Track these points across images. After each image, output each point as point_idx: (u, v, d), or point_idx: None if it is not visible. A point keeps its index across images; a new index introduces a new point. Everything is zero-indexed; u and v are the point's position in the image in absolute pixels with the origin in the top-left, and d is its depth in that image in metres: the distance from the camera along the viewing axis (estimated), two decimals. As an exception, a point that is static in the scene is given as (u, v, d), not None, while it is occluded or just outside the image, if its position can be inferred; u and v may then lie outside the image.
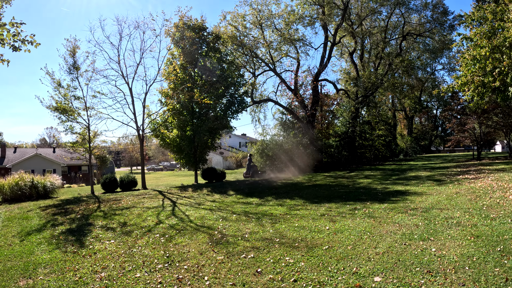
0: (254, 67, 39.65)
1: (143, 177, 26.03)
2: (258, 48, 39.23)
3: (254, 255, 8.45)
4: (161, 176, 51.88)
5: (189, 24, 27.78)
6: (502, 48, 20.24)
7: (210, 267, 7.83)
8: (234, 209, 14.85)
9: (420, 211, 12.18)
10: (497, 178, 19.85)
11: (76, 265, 8.47)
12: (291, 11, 39.17)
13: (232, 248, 9.04)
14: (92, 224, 12.99)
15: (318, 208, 14.22)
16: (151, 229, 11.75)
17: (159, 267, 8.01)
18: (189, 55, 27.14)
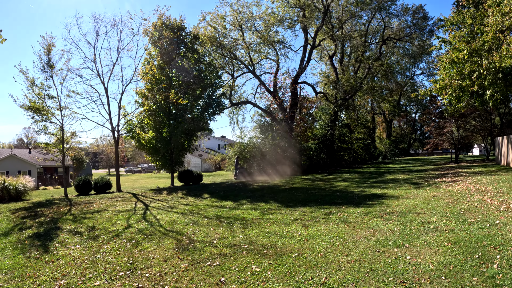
0: (233, 68, 39.28)
1: (118, 180, 25.47)
2: (237, 49, 38.99)
3: (220, 262, 8.08)
4: (139, 178, 51.04)
5: (167, 23, 27.31)
6: (481, 52, 20.31)
7: (172, 275, 7.47)
8: (206, 213, 14.47)
9: (396, 215, 11.97)
10: (474, 181, 19.96)
11: (37, 272, 8.08)
12: (272, 13, 39.00)
13: (198, 255, 8.66)
14: (60, 228, 12.54)
15: (292, 212, 13.91)
16: (119, 234, 11.32)
17: (121, 275, 7.63)
18: (166, 55, 26.66)
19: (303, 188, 22.65)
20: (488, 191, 15.68)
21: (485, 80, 20.67)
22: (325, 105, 46.68)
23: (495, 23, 18.89)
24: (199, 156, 69.44)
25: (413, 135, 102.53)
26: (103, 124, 27.49)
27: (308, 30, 42.32)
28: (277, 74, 40.84)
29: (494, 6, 19.21)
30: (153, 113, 26.50)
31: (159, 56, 26.84)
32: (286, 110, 40.10)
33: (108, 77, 25.44)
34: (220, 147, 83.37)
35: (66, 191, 23.03)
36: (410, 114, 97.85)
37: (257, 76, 40.05)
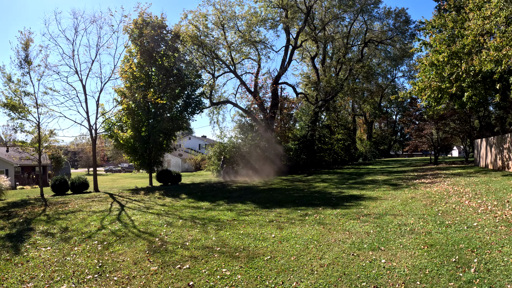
0: (214, 68, 39.04)
1: (95, 179, 25.05)
2: (219, 49, 38.80)
3: (190, 265, 7.92)
4: (118, 178, 50.34)
5: (148, 21, 26.96)
6: (461, 54, 20.48)
7: (141, 279, 7.27)
8: (182, 214, 14.27)
9: (373, 217, 11.92)
10: (453, 182, 20.13)
11: (6, 274, 7.88)
12: (254, 13, 38.88)
13: (169, 258, 8.49)
14: (33, 229, 12.25)
15: (268, 213, 13.80)
16: (91, 235, 11.07)
17: (88, 278, 7.42)
18: (146, 53, 26.32)
19: (281, 189, 22.56)
20: (466, 193, 15.80)
21: (464, 82, 20.80)
22: (306, 106, 46.70)
23: (476, 26, 18.98)
24: (179, 156, 68.89)
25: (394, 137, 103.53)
26: (80, 123, 26.86)
27: (290, 31, 42.36)
28: (258, 74, 40.72)
29: (475, 9, 19.36)
30: (132, 112, 26.09)
31: (138, 54, 26.48)
32: (267, 111, 40.02)
33: (87, 75, 25.07)
34: (200, 147, 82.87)
35: (42, 191, 22.58)
36: (391, 116, 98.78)
37: (238, 76, 39.85)
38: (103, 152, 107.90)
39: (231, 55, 39.34)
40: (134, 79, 26.04)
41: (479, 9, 19.09)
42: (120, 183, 36.14)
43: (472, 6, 19.56)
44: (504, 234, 8.73)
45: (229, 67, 39.45)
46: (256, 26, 39.45)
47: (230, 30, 39.35)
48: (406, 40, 51.01)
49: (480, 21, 18.66)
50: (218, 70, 40.35)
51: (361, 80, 52.69)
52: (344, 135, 56.33)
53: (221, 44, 38.61)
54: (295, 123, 46.32)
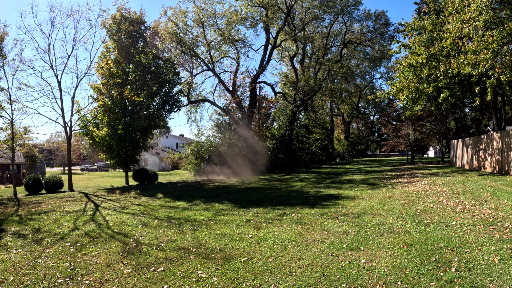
0: (193, 66, 38.68)
1: (70, 178, 24.49)
2: (198, 46, 38.36)
3: (165, 267, 7.66)
4: (94, 177, 49.37)
5: (127, 16, 26.52)
6: (439, 57, 20.86)
7: (114, 282, 7.00)
8: (157, 214, 13.96)
9: (352, 216, 11.84)
10: (430, 182, 20.36)
11: None
12: (235, 11, 38.75)
13: (143, 260, 8.22)
14: (5, 231, 11.82)
15: (245, 213, 13.60)
16: (64, 237, 10.70)
17: (60, 282, 7.12)
18: (124, 49, 25.86)
19: (259, 188, 22.42)
20: (444, 192, 15.94)
21: (441, 83, 21.02)
22: (284, 105, 46.68)
23: (455, 30, 19.32)
24: (157, 155, 68.14)
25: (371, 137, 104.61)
26: (55, 120, 26.25)
27: (270, 30, 42.35)
28: (236, 73, 40.54)
29: (454, 13, 19.63)
30: (108, 109, 25.58)
31: (116, 50, 25.98)
32: (245, 110, 39.87)
33: (62, 70, 24.47)
34: (178, 145, 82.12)
35: (15, 191, 22.04)
36: (368, 116, 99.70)
37: (217, 74, 39.55)
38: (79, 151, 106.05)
39: (210, 53, 39.04)
40: (110, 76, 25.55)
41: (458, 13, 19.39)
42: (96, 182, 35.50)
43: (451, 10, 19.83)
44: (483, 233, 8.75)
45: (208, 65, 39.12)
46: (236, 25, 39.28)
47: (209, 28, 39.12)
48: (385, 42, 51.62)
49: (459, 24, 18.99)
50: (197, 68, 40.06)
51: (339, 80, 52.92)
52: (322, 135, 56.58)
53: (200, 42, 38.30)
54: (273, 123, 46.26)
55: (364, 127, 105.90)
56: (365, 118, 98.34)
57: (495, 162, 23.06)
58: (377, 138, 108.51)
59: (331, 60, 49.65)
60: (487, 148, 24.49)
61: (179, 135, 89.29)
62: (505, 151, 21.53)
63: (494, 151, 23.27)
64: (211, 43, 38.85)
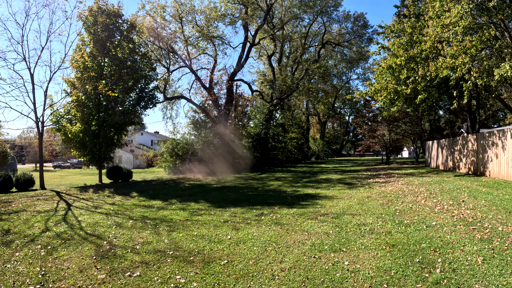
0: (170, 62, 38.15)
1: (42, 176, 23.65)
2: (175, 42, 37.89)
3: (141, 272, 7.28)
4: (67, 174, 48.19)
5: (104, 9, 25.82)
6: (417, 59, 21.16)
7: None
8: (132, 214, 13.49)
9: (331, 217, 11.68)
10: (407, 182, 20.52)
11: None
12: (214, 7, 38.54)
13: (118, 264, 7.80)
14: (-29, 231, 11.13)
15: (222, 213, 13.27)
16: (34, 239, 10.11)
17: None
18: (100, 43, 25.15)
19: (235, 187, 22.11)
20: (421, 192, 16.06)
21: (419, 85, 21.21)
22: (261, 104, 46.54)
23: (434, 33, 19.65)
24: (131, 152, 67.16)
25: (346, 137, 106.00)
26: (27, 115, 25.34)
27: (249, 28, 42.07)
28: (214, 70, 40.09)
29: (435, 17, 19.94)
30: (82, 104, 24.87)
31: (92, 43, 25.26)
32: (221, 107, 39.54)
33: (35, 62, 23.53)
34: (153, 143, 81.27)
35: (-16, 188, 21.09)
36: (344, 116, 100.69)
37: (194, 71, 39.10)
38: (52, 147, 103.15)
39: (188, 49, 38.64)
40: (85, 69, 24.85)
41: (438, 17, 19.70)
42: (68, 180, 34.65)
43: (432, 14, 20.16)
44: (464, 233, 8.77)
45: (185, 61, 38.70)
46: (215, 21, 39.03)
47: (188, 24, 38.78)
48: (363, 43, 52.25)
49: (439, 28, 19.31)
50: (174, 65, 39.62)
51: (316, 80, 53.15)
52: (298, 134, 56.71)
53: (178, 37, 37.83)
54: (249, 121, 46.03)
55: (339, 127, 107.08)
56: (340, 118, 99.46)
57: (470, 163, 23.55)
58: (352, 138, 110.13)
59: (309, 60, 49.89)
60: (462, 149, 25.04)
61: (154, 132, 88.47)
62: (480, 152, 22.02)
63: (469, 152, 23.76)
64: (189, 39, 38.46)
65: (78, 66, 24.74)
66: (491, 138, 20.55)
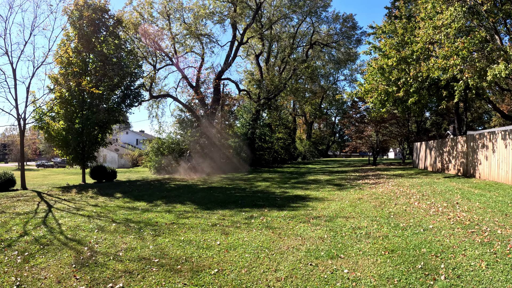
0: (156, 60, 37.44)
1: (23, 175, 22.79)
2: (162, 39, 37.20)
3: (124, 283, 6.70)
4: (50, 174, 47.02)
5: (90, 3, 24.99)
6: (409, 60, 21.12)
7: None
8: (115, 216, 12.87)
9: (324, 220, 11.29)
10: (397, 183, 20.39)
11: None
12: (202, 5, 38.04)
13: (99, 273, 7.19)
14: None
15: (210, 216, 12.73)
16: (11, 244, 9.41)
17: None
18: (85, 38, 24.39)
19: (222, 188, 21.59)
20: (413, 194, 15.86)
21: (411, 87, 21.06)
22: (248, 103, 46.11)
23: (426, 35, 19.69)
24: (116, 151, 66.14)
25: (332, 138, 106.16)
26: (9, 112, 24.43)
27: (237, 26, 41.63)
28: (201, 68, 39.60)
29: (427, 19, 20.00)
30: (65, 101, 24.11)
31: (76, 38, 24.48)
32: (208, 106, 39.00)
33: (18, 57, 22.75)
34: (138, 142, 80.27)
35: (-38, 188, 20.25)
36: (330, 117, 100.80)
37: (180, 69, 38.55)
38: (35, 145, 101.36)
39: (175, 47, 38.09)
40: (69, 65, 24.10)
41: (430, 19, 19.77)
42: (51, 180, 33.72)
43: (423, 16, 20.26)
44: (463, 237, 8.47)
45: (172, 59, 38.10)
46: (203, 19, 38.48)
47: (175, 22, 38.33)
48: (351, 45, 52.20)
49: (431, 30, 19.38)
50: (160, 63, 39.15)
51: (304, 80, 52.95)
52: (285, 134, 56.46)
53: (165, 35, 37.21)
54: (235, 121, 45.59)
55: (325, 127, 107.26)
56: (327, 119, 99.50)
57: (460, 165, 23.55)
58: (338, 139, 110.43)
59: (297, 60, 49.66)
60: (451, 151, 25.12)
61: (140, 131, 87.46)
62: (470, 154, 22.00)
63: (458, 154, 23.79)
64: (176, 37, 37.89)
65: (62, 61, 23.99)
66: (481, 140, 20.49)
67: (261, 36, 45.12)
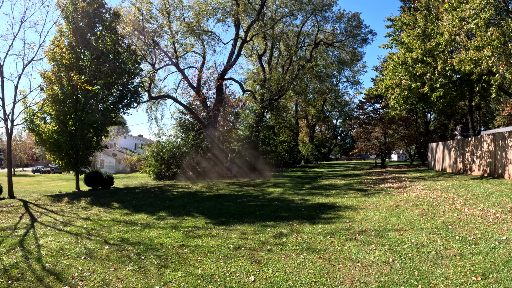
0: (155, 59, 35.29)
1: (10, 182, 20.35)
2: (162, 36, 35.12)
3: None
4: (45, 180, 44.43)
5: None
6: (435, 53, 19.43)
7: None
8: (109, 235, 10.46)
9: (373, 235, 9.15)
10: (425, 186, 18.32)
11: None
12: (204, 1, 35.65)
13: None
14: None
15: (228, 233, 10.33)
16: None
17: None
18: (80, 32, 22.14)
19: (231, 196, 19.30)
20: (454, 199, 13.93)
21: (437, 82, 19.60)
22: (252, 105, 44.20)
23: (450, 27, 18.37)
24: (113, 156, 63.98)
25: (334, 141, 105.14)
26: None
27: (240, 24, 39.51)
28: (202, 68, 37.43)
29: (451, 10, 18.67)
30: (57, 100, 21.82)
31: (71, 34, 22.27)
32: (210, 108, 36.79)
33: (6, 52, 20.49)
34: (136, 146, 78.16)
35: None
36: (332, 120, 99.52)
37: (181, 69, 36.37)
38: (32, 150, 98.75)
39: (175, 46, 36.02)
40: (62, 62, 21.85)
41: (454, 10, 18.42)
42: (44, 186, 31.41)
43: (447, 6, 18.87)
44: None
45: (172, 59, 35.91)
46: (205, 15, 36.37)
47: (176, 21, 36.15)
48: (356, 44, 50.57)
49: (457, 21, 17.94)
50: (160, 63, 36.88)
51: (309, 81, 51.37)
52: (289, 137, 54.63)
53: (165, 33, 35.17)
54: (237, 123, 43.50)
55: (327, 130, 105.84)
56: (328, 122, 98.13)
57: (486, 165, 22.03)
58: (340, 142, 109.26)
59: (303, 58, 48.25)
60: (475, 150, 23.73)
61: (138, 136, 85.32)
62: (498, 154, 20.48)
63: (484, 153, 22.26)
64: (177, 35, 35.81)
65: (55, 58, 21.75)
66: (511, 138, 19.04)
67: (265, 35, 43.17)
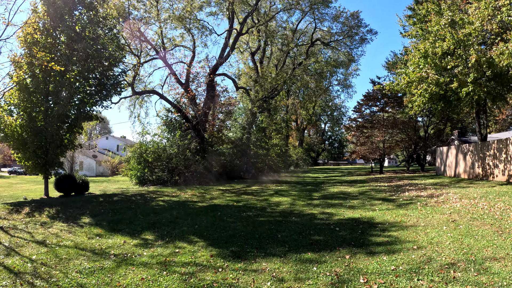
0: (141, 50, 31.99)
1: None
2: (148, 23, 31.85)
3: None
4: (18, 182, 39.83)
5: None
6: (468, 43, 17.20)
7: None
8: (65, 278, 6.88)
9: (472, 271, 6.42)
10: (460, 195, 15.65)
11: None
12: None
13: None
14: None
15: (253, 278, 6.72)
16: None
17: None
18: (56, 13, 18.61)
19: (230, 207, 15.68)
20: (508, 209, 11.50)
21: (468, 76, 17.22)
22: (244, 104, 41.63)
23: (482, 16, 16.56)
24: (94, 157, 60.36)
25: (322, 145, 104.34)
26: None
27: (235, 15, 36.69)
28: (191, 63, 34.06)
29: None
30: (25, 88, 18.25)
31: (46, 15, 18.73)
32: (200, 106, 33.45)
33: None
34: (119, 148, 74.73)
35: None
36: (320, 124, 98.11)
37: (168, 64, 33.29)
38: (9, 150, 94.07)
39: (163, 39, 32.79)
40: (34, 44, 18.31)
41: None
42: (14, 190, 27.64)
43: None
44: None
45: (159, 52, 32.68)
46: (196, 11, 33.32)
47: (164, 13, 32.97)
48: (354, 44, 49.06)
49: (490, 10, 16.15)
50: (146, 57, 33.67)
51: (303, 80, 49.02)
52: (281, 140, 52.05)
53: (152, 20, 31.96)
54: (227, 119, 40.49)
55: (315, 135, 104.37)
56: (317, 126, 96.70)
57: None
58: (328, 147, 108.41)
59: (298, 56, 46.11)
60: (497, 154, 22.17)
61: (121, 137, 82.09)
62: None
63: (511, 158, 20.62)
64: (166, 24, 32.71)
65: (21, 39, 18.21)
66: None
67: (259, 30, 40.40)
